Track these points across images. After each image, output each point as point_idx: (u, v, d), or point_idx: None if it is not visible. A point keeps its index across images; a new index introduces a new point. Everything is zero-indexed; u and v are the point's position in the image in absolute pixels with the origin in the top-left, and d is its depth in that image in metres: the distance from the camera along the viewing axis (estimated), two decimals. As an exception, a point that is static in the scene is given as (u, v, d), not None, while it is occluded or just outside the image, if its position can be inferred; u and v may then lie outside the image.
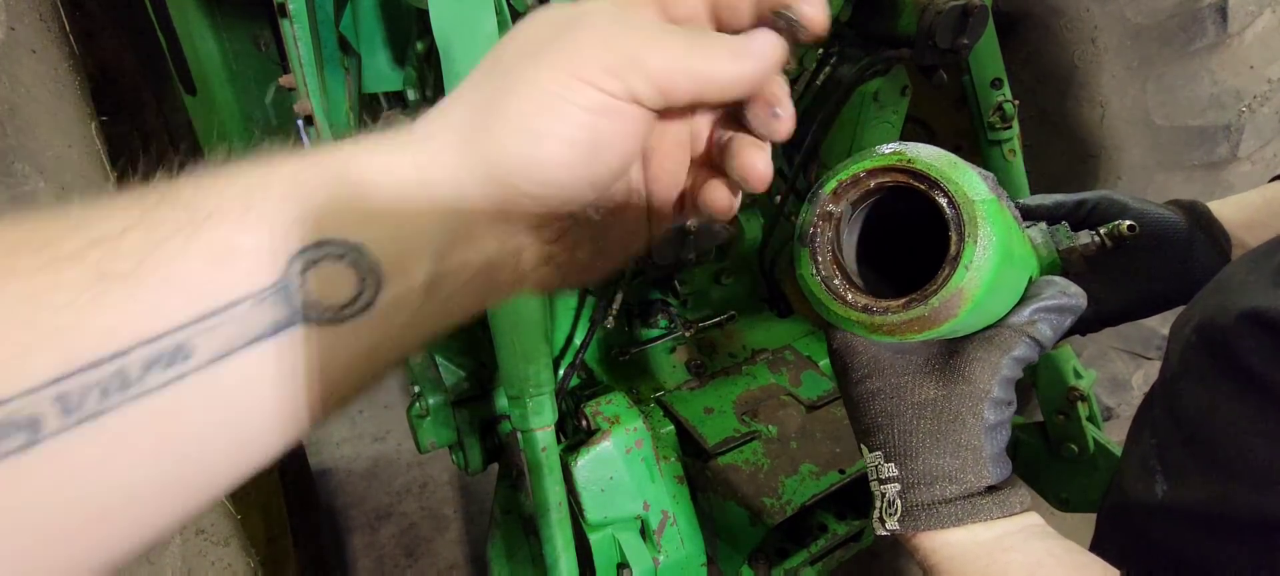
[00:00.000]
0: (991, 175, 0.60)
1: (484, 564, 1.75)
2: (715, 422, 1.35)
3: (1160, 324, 1.89)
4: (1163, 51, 1.66)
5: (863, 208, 0.62)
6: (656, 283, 1.59)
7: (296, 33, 1.29)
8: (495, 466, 1.86)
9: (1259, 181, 1.76)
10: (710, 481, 1.29)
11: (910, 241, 0.63)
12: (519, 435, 1.25)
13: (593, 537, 1.32)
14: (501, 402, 1.79)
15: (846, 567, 1.54)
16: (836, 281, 0.61)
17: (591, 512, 1.30)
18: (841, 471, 1.24)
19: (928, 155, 0.58)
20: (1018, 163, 1.58)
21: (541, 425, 1.22)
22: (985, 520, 0.61)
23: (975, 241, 0.55)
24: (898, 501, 0.63)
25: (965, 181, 0.56)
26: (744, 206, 1.52)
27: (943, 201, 0.56)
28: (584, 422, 1.35)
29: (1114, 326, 0.83)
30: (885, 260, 0.65)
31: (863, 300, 0.60)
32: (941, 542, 0.62)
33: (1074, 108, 1.83)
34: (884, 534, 0.66)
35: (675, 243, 1.10)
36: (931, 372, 0.63)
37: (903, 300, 0.57)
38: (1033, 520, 0.62)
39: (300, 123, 1.77)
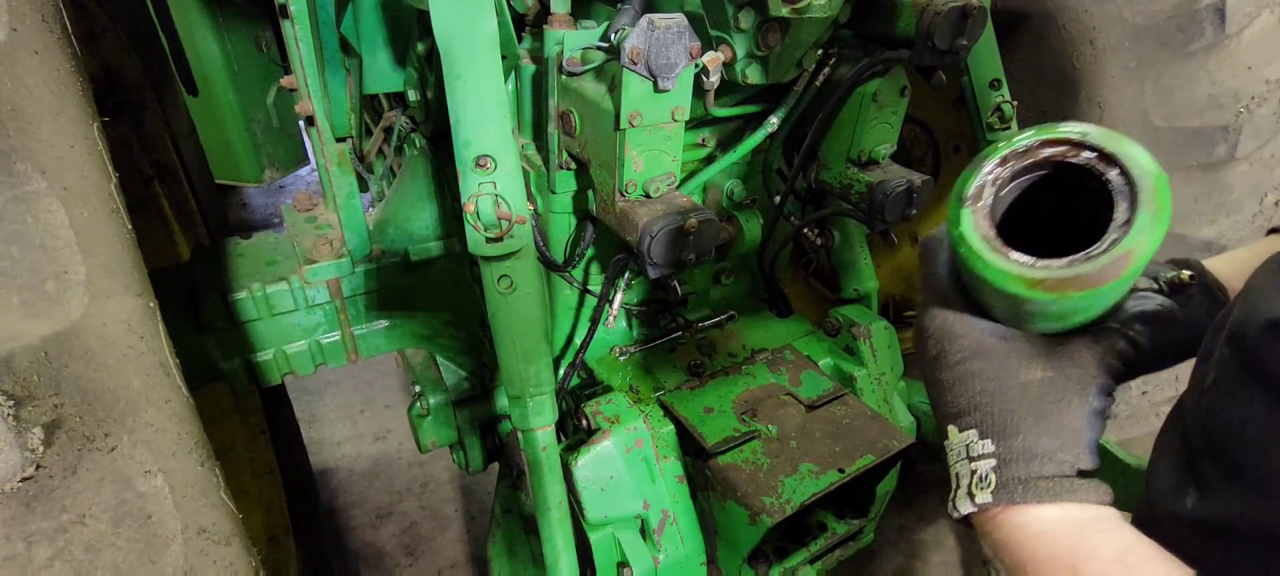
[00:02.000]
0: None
1: (484, 563, 1.76)
2: (715, 422, 1.36)
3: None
4: (1161, 52, 1.66)
5: (1020, 179, 0.65)
6: (656, 283, 1.60)
7: (298, 33, 1.29)
8: (496, 466, 1.87)
9: (1257, 182, 1.76)
10: (710, 481, 1.29)
11: (1044, 229, 0.65)
12: (519, 434, 1.26)
13: (593, 536, 1.32)
14: (502, 402, 1.79)
15: (846, 567, 1.55)
16: (995, 239, 0.63)
17: (591, 512, 1.31)
18: (841, 471, 1.24)
19: (1100, 132, 0.61)
20: (1017, 163, 1.58)
21: (542, 425, 1.22)
22: (1081, 501, 0.62)
23: (1148, 209, 0.58)
24: (991, 476, 0.64)
25: (1140, 155, 0.60)
26: (744, 207, 1.52)
27: (1114, 174, 0.60)
28: (584, 422, 1.36)
29: (1145, 374, 0.82)
30: (1020, 239, 0.67)
31: (1024, 257, 0.61)
32: (1032, 517, 0.63)
33: (1073, 108, 1.83)
34: (966, 511, 0.67)
35: (675, 243, 1.10)
36: (1039, 357, 0.66)
37: (1067, 259, 0.59)
38: (1116, 513, 0.63)
39: (302, 123, 1.77)
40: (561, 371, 1.52)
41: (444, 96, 1.03)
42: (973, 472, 0.67)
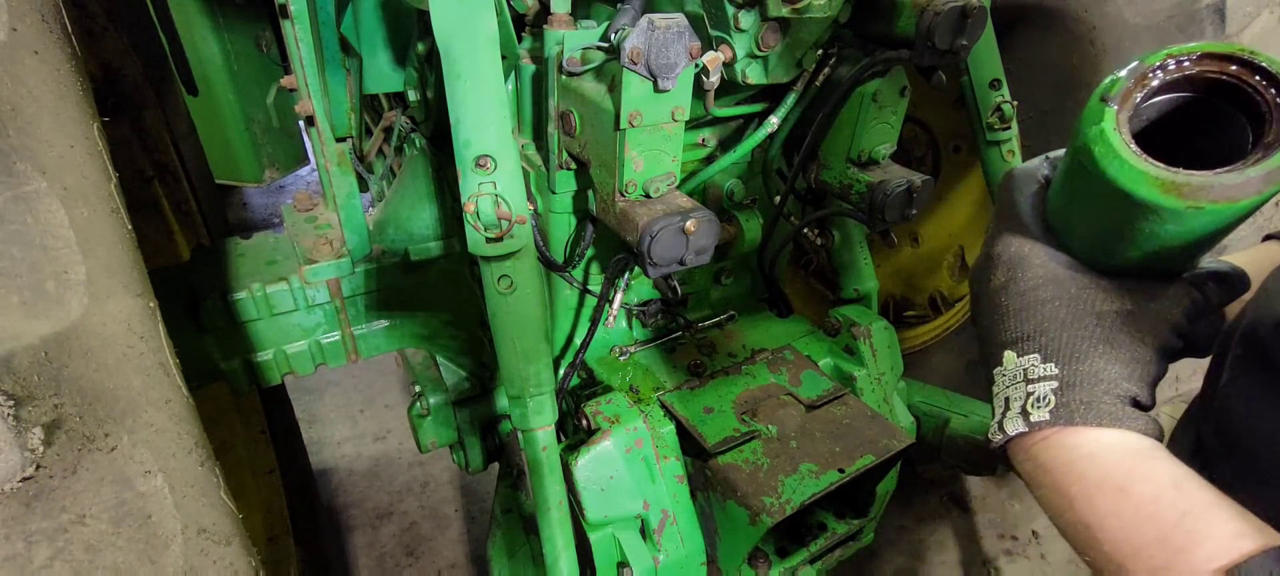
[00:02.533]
0: None
1: (484, 563, 1.76)
2: (715, 422, 1.36)
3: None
4: (1161, 52, 1.66)
5: (1163, 97, 0.65)
6: (656, 283, 1.60)
7: (298, 33, 1.29)
8: (495, 466, 1.87)
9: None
10: (710, 481, 1.29)
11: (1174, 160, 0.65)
12: (519, 434, 1.26)
13: (593, 536, 1.32)
14: (502, 402, 1.79)
15: (846, 567, 1.55)
16: (1133, 142, 0.63)
17: (591, 512, 1.31)
18: (841, 471, 1.24)
19: (1271, 56, 0.61)
20: (1016, 164, 1.58)
21: (542, 425, 1.22)
22: (1140, 431, 0.62)
23: None
24: (1052, 396, 0.64)
25: None
26: (744, 206, 1.52)
27: (1272, 93, 0.60)
28: (584, 422, 1.36)
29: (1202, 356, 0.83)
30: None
31: (1159, 163, 0.61)
32: (1087, 439, 0.63)
33: (1073, 108, 1.83)
34: (1015, 432, 0.67)
35: (675, 243, 1.10)
36: (1116, 292, 0.66)
37: (1212, 171, 0.59)
38: (1166, 450, 0.63)
39: (301, 123, 1.77)
40: (561, 371, 1.52)
41: (444, 96, 1.03)
42: (1028, 394, 0.66)
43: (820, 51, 1.30)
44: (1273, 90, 0.60)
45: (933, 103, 2.25)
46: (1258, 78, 0.61)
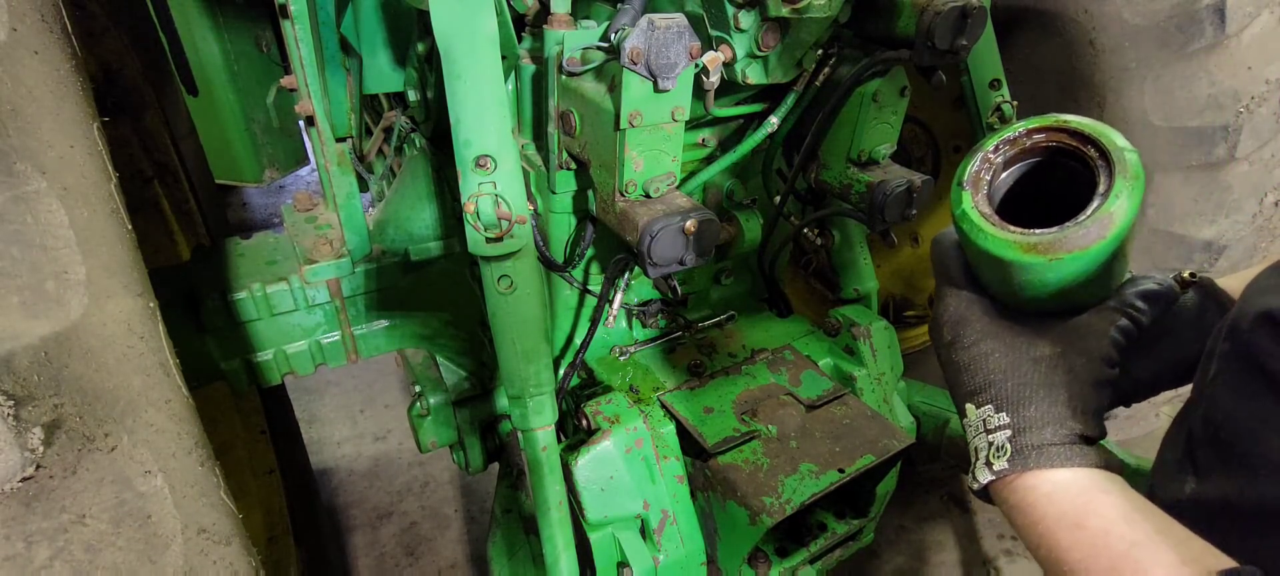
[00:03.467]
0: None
1: (484, 563, 1.76)
2: (715, 422, 1.36)
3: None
4: (1161, 53, 1.66)
5: (1013, 167, 0.75)
6: (656, 283, 1.59)
7: (298, 34, 1.29)
8: (495, 466, 1.87)
9: (1257, 182, 1.76)
10: (710, 481, 1.29)
11: (1038, 212, 0.73)
12: (519, 434, 1.26)
13: (593, 536, 1.32)
14: (502, 402, 1.79)
15: (846, 567, 1.55)
16: (991, 215, 0.73)
17: (591, 512, 1.31)
18: (841, 470, 1.24)
19: (1079, 119, 0.71)
20: (1017, 163, 1.58)
21: (542, 425, 1.22)
22: (1088, 466, 0.67)
23: (1124, 177, 0.66)
24: (1007, 445, 0.70)
25: (1115, 137, 0.69)
26: (744, 207, 1.52)
27: (1093, 152, 0.69)
28: (584, 422, 1.36)
29: (1146, 399, 0.87)
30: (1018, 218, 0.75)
31: (1017, 228, 0.70)
32: (1044, 480, 0.68)
33: (1072, 108, 1.83)
34: (985, 481, 0.73)
35: (675, 243, 1.10)
36: (1047, 334, 0.72)
37: (1054, 227, 0.68)
38: (1119, 478, 0.68)
39: (301, 123, 1.77)
40: (561, 371, 1.52)
41: (444, 96, 1.03)
42: (990, 444, 0.72)
43: (820, 51, 1.30)
44: (1091, 148, 0.69)
45: (933, 103, 2.25)
46: (1078, 141, 0.70)
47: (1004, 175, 0.75)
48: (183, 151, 1.86)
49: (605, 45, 1.09)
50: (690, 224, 1.09)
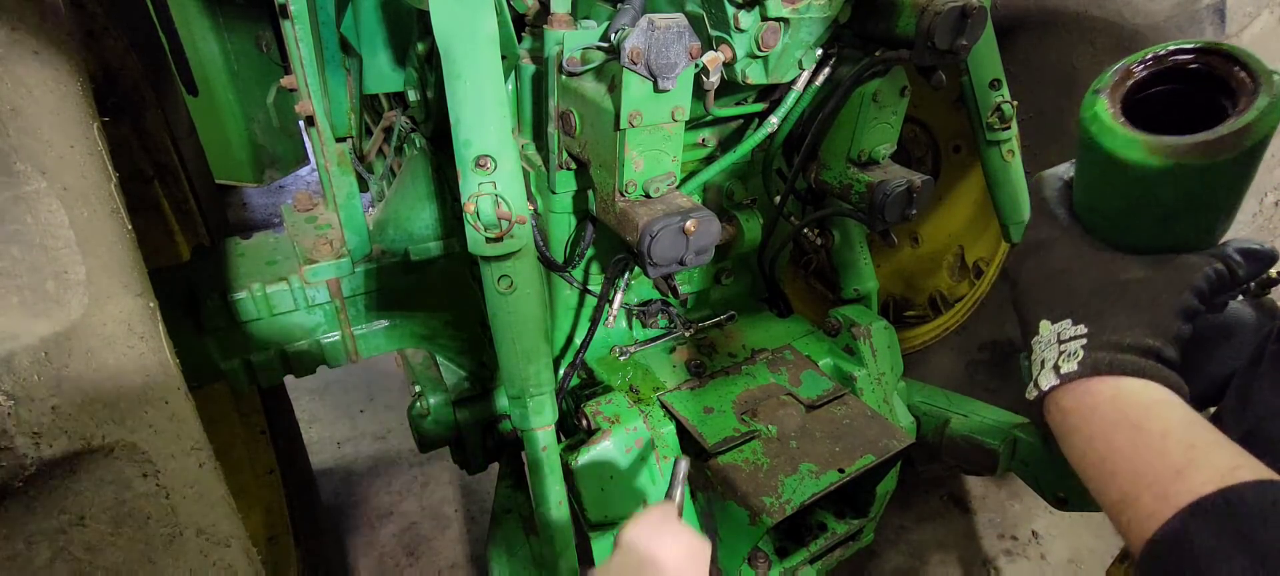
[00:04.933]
0: None
1: (484, 563, 1.75)
2: (715, 422, 1.36)
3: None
4: (1161, 52, 1.66)
5: (1150, 88, 0.75)
6: (656, 283, 1.59)
7: (298, 33, 1.29)
8: (495, 466, 1.87)
9: (1257, 182, 1.76)
10: (710, 481, 1.29)
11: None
12: (520, 434, 1.26)
13: (593, 537, 1.32)
14: (502, 402, 1.79)
15: (846, 567, 1.55)
16: (1122, 118, 0.72)
17: (592, 511, 1.31)
18: (841, 471, 1.24)
19: (1227, 44, 0.71)
20: (1016, 163, 1.58)
21: (542, 425, 1.22)
22: (1159, 381, 0.67)
23: (1269, 90, 0.66)
24: (1081, 352, 0.70)
25: (1263, 62, 0.69)
26: (744, 206, 1.52)
27: (1241, 73, 0.69)
28: (584, 422, 1.36)
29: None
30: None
31: (1146, 134, 0.69)
32: (1110, 385, 0.69)
33: (1072, 108, 1.83)
34: (1049, 387, 0.73)
35: (675, 243, 1.10)
36: (1140, 262, 0.72)
37: (1190, 136, 0.67)
38: (1185, 402, 0.68)
39: (301, 123, 1.77)
40: (561, 371, 1.52)
41: (444, 96, 1.03)
42: (1061, 352, 0.73)
43: (820, 51, 1.30)
44: (1239, 70, 0.69)
45: (933, 103, 2.25)
46: (1225, 61, 0.70)
47: (1140, 93, 0.75)
48: (183, 151, 1.85)
49: (605, 45, 1.09)
50: (690, 224, 1.09)
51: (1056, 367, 0.72)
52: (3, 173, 0.68)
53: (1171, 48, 0.73)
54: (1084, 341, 0.71)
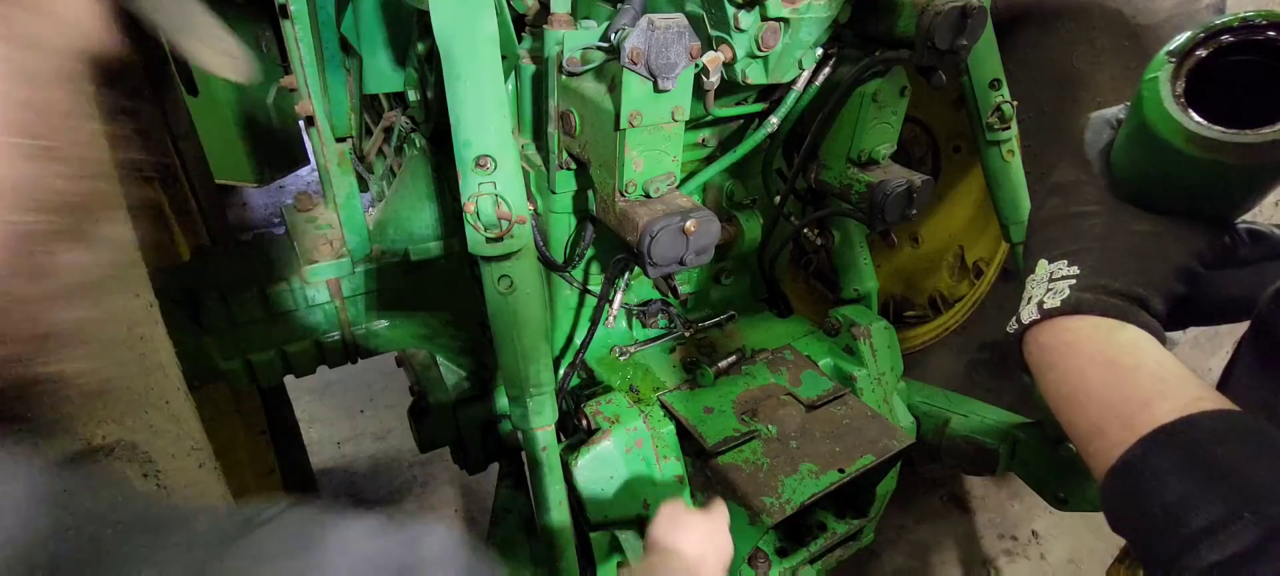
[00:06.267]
0: None
1: (484, 563, 1.75)
2: (715, 422, 1.36)
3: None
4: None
5: (1229, 59, 0.69)
6: (656, 283, 1.59)
7: (298, 33, 1.29)
8: (495, 466, 1.87)
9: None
10: (710, 481, 1.29)
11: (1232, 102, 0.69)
12: (519, 434, 1.26)
13: (593, 536, 1.32)
14: (502, 402, 1.79)
15: (846, 567, 1.55)
16: (1179, 95, 0.68)
17: (592, 511, 1.31)
18: (841, 471, 1.24)
19: None
20: (1016, 163, 1.58)
21: (542, 425, 1.22)
22: (1138, 325, 0.67)
23: None
24: (1067, 289, 0.71)
25: None
26: (744, 207, 1.52)
27: None
28: (584, 422, 1.36)
29: (1221, 324, 0.87)
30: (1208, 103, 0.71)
31: (1196, 117, 0.66)
32: (1091, 324, 0.69)
33: (1072, 109, 1.83)
34: (1027, 321, 0.73)
35: (675, 243, 1.10)
36: (1152, 218, 0.72)
37: (1234, 131, 0.64)
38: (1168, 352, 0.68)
39: (302, 123, 1.76)
40: (561, 371, 1.52)
41: (444, 96, 1.03)
42: (1049, 289, 0.73)
43: (820, 51, 1.30)
44: None
45: (933, 103, 2.25)
46: None
47: (1217, 63, 0.70)
48: (183, 151, 1.85)
49: (605, 45, 1.09)
50: (690, 224, 1.09)
51: (1040, 304, 0.72)
52: (3, 173, 0.68)
53: (1261, 18, 0.67)
54: (1073, 280, 0.71)
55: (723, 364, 1.50)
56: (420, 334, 1.76)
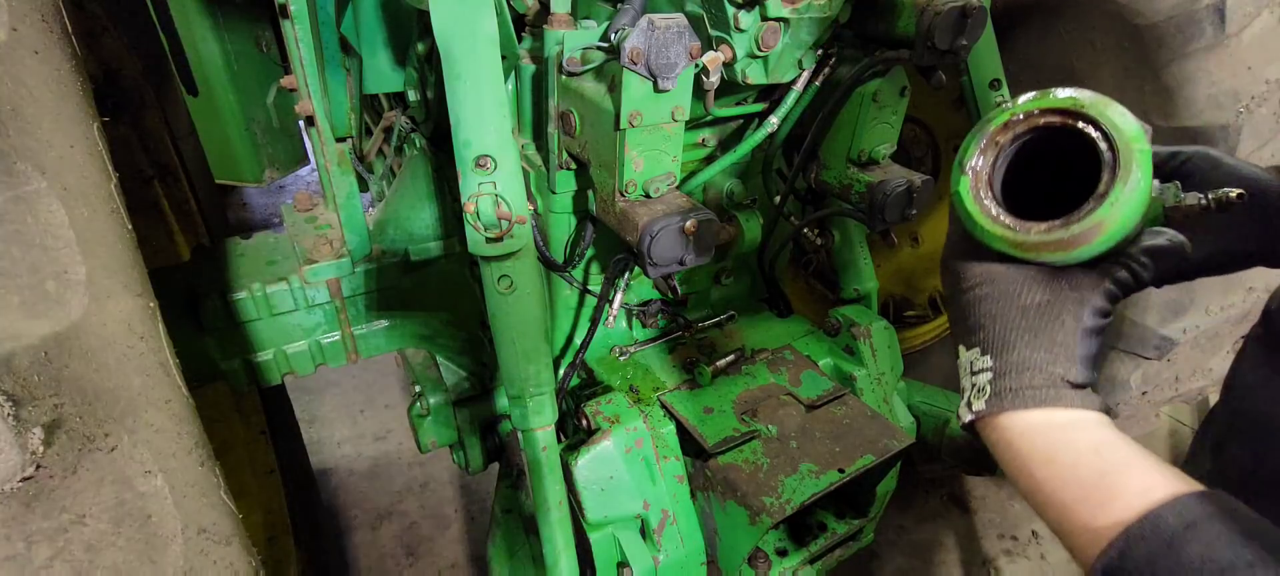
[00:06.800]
0: (1147, 125, 0.67)
1: (484, 563, 1.76)
2: (715, 422, 1.36)
3: (1158, 324, 1.89)
4: (1161, 53, 1.66)
5: (1020, 142, 0.72)
6: (656, 283, 1.59)
7: (298, 34, 1.29)
8: (495, 466, 1.87)
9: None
10: (710, 481, 1.29)
11: (1052, 176, 0.71)
12: (519, 434, 1.26)
13: (593, 536, 1.32)
14: (502, 402, 1.79)
15: (846, 567, 1.55)
16: (988, 202, 0.71)
17: (591, 512, 1.31)
18: (841, 471, 1.24)
19: (1091, 99, 0.66)
20: (1017, 163, 1.58)
21: (542, 425, 1.22)
22: (1064, 406, 0.68)
23: (1125, 182, 0.62)
24: (987, 387, 0.72)
25: (1125, 125, 0.64)
26: (744, 206, 1.52)
27: (1104, 146, 0.65)
28: (584, 422, 1.36)
29: (1191, 280, 0.87)
30: (1026, 190, 0.74)
31: (1010, 220, 0.69)
32: (1020, 420, 0.70)
33: (1073, 108, 1.83)
34: (967, 420, 0.75)
35: (675, 243, 1.10)
36: (1040, 281, 0.73)
37: (1046, 224, 0.67)
38: (1103, 417, 0.69)
39: (301, 123, 1.77)
40: (561, 371, 1.52)
41: (444, 96, 1.03)
42: (974, 385, 0.75)
43: (820, 51, 1.30)
44: (1102, 140, 0.65)
45: (933, 103, 2.25)
46: (1087, 124, 0.66)
47: (1010, 147, 0.73)
48: (183, 151, 1.86)
49: (605, 45, 1.09)
50: (690, 224, 1.09)
51: (969, 404, 0.74)
52: (3, 173, 0.68)
53: (1034, 108, 0.70)
54: (990, 375, 0.73)
55: (722, 364, 1.50)
56: (420, 334, 1.76)
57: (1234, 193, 0.71)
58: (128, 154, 1.69)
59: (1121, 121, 0.64)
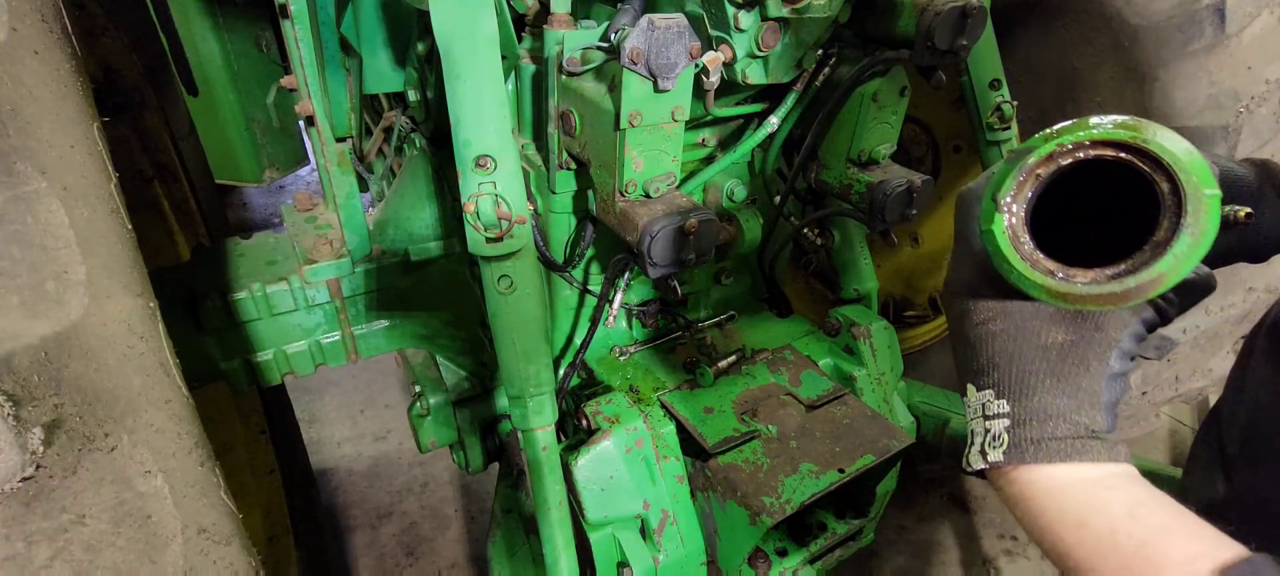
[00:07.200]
0: (1216, 166, 0.59)
1: (484, 563, 1.76)
2: (715, 422, 1.36)
3: (1159, 324, 1.89)
4: (1160, 52, 1.66)
5: (1062, 172, 0.62)
6: (656, 283, 1.59)
7: (298, 34, 1.29)
8: (496, 466, 1.87)
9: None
10: (710, 481, 1.29)
11: (1088, 207, 0.64)
12: (519, 434, 1.26)
13: (593, 536, 1.32)
14: (502, 402, 1.79)
15: (846, 567, 1.55)
16: (1028, 246, 0.62)
17: (591, 512, 1.31)
18: (841, 470, 1.24)
19: (1155, 133, 0.57)
20: (1017, 163, 1.58)
21: (542, 425, 1.22)
22: (1092, 460, 0.63)
23: (1193, 234, 0.55)
24: (1005, 435, 0.66)
25: (1194, 165, 0.55)
26: (744, 207, 1.52)
27: (1164, 185, 0.56)
28: (584, 422, 1.36)
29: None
30: (1055, 218, 0.65)
31: (1052, 266, 0.61)
32: (1044, 476, 0.64)
33: (1072, 109, 1.83)
34: (978, 468, 0.68)
35: (675, 243, 1.10)
36: (1061, 321, 0.65)
37: (1093, 273, 0.58)
38: (1132, 470, 0.64)
39: (301, 123, 1.77)
40: (561, 371, 1.52)
41: (444, 96, 1.03)
42: (986, 431, 0.68)
43: (820, 51, 1.30)
44: (1163, 178, 0.57)
45: (933, 103, 2.25)
46: (1146, 164, 0.57)
47: (1049, 180, 0.64)
48: (183, 151, 1.86)
49: (605, 45, 1.09)
50: (690, 224, 1.09)
51: (983, 452, 0.68)
52: (3, 173, 0.68)
53: (1084, 137, 0.60)
54: (1007, 422, 0.66)
55: (723, 364, 1.50)
56: (420, 334, 1.76)
57: (1243, 211, 0.65)
58: (128, 154, 1.69)
59: (1188, 160, 0.56)
